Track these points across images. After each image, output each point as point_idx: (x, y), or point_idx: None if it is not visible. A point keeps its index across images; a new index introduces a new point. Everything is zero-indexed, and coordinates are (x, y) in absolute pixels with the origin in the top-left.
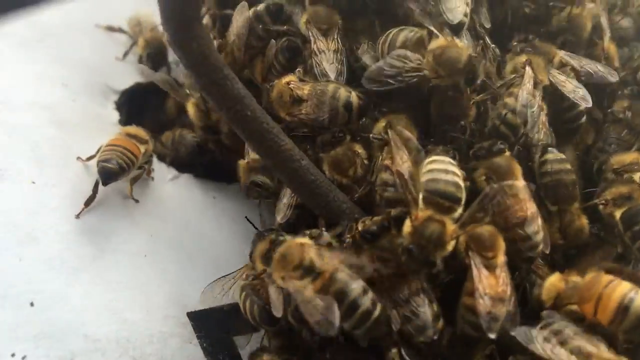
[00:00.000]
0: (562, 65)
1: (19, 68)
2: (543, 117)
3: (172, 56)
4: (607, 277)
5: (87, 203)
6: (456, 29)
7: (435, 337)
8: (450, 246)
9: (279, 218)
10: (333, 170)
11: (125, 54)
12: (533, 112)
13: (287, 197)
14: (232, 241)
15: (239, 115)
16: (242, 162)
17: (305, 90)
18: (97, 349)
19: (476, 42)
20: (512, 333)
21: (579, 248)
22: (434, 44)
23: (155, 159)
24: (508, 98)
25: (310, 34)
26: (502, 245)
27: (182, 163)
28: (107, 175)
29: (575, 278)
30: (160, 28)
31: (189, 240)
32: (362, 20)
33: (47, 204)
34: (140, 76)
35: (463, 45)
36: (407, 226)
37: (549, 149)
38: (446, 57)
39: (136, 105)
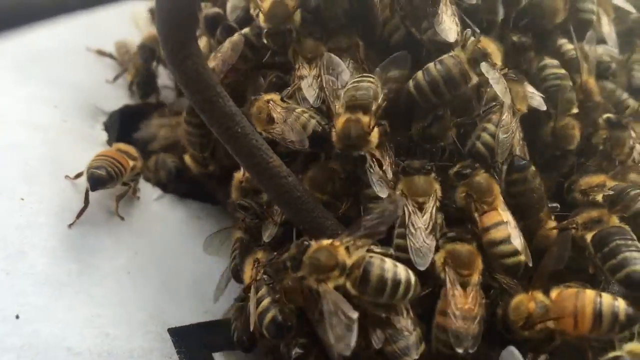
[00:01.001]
0: None
1: (11, 88)
2: (518, 135)
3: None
4: (572, 290)
5: (80, 214)
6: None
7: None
8: (374, 137)
9: (265, 237)
10: (312, 189)
11: (116, 78)
12: (506, 138)
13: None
14: (214, 260)
15: (229, 132)
16: (237, 176)
17: (277, 112)
18: None
19: None
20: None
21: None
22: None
23: (141, 179)
24: (487, 123)
25: (294, 61)
26: (479, 265)
27: (163, 185)
28: (96, 182)
29: (540, 296)
30: None
31: (172, 258)
32: (346, 38)
33: (36, 220)
34: (129, 98)
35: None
36: (333, 136)
37: (515, 165)
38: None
39: (124, 126)
